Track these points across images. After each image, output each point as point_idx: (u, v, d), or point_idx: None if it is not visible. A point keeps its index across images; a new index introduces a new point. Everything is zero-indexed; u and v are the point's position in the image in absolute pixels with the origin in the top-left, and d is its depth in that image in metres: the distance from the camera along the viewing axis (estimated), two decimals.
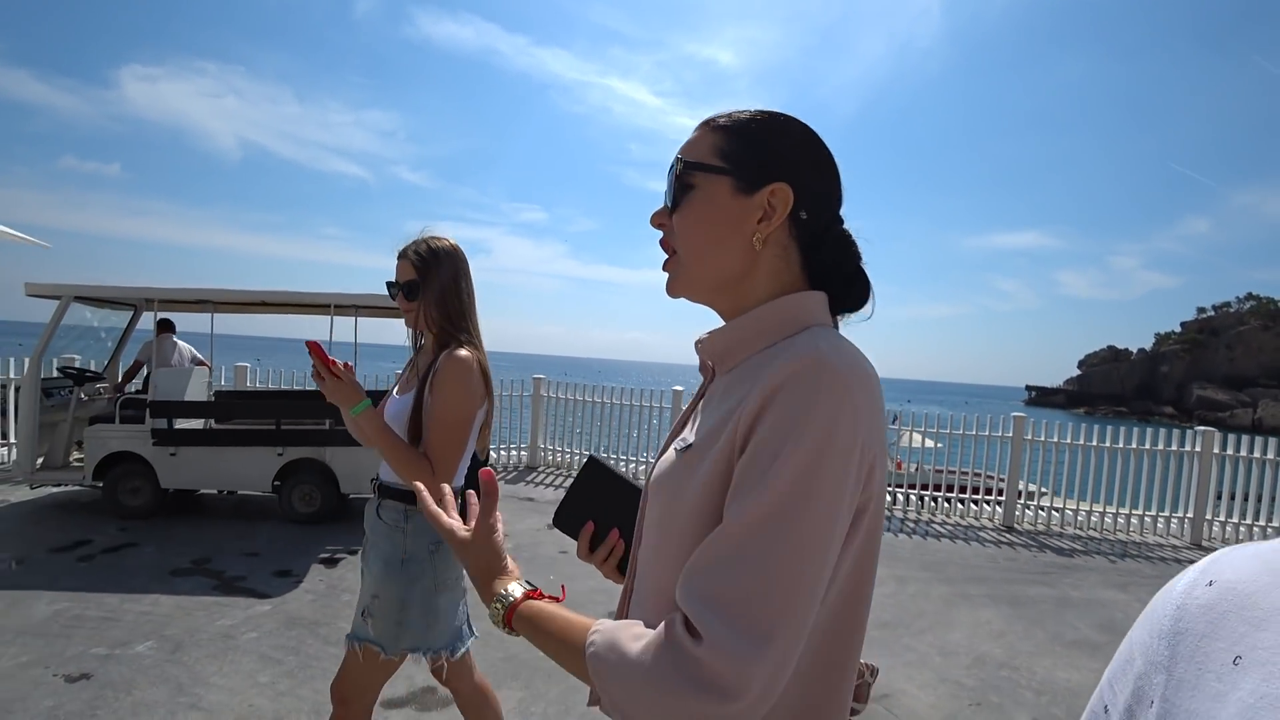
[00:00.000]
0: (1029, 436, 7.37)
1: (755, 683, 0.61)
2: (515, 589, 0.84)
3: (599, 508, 0.98)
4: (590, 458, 1.01)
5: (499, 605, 0.83)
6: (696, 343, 0.89)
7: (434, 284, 1.86)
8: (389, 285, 1.95)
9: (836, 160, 0.84)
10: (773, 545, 0.64)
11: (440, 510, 0.94)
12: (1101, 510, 7.24)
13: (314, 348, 1.73)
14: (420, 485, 1.00)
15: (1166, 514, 7.22)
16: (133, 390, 6.55)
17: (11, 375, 7.01)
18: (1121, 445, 7.28)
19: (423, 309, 1.87)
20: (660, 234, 0.88)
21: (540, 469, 8.21)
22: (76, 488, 5.92)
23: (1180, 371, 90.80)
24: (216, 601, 3.94)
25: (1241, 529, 7.18)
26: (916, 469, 8.20)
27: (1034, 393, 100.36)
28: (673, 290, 0.86)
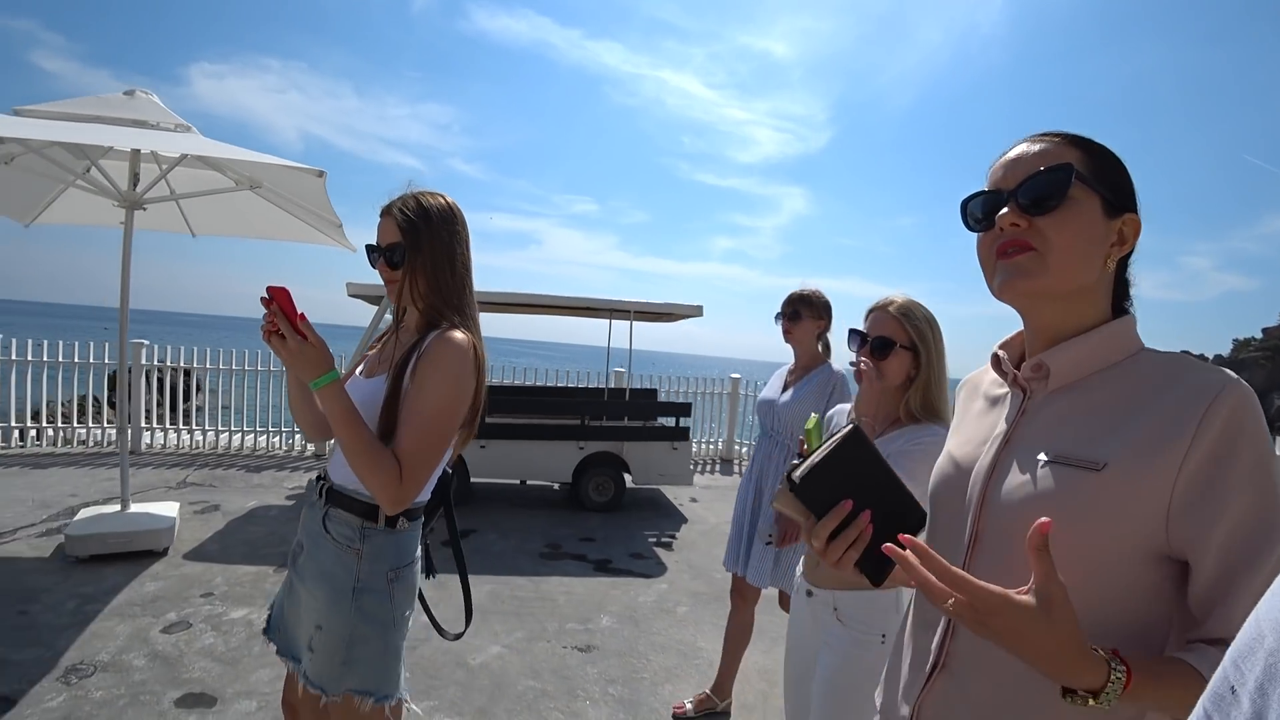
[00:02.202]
0: None
1: None
2: (1114, 667, 0.68)
3: (852, 485, 0.84)
4: (854, 426, 0.87)
5: (1116, 682, 0.67)
6: (1001, 351, 0.94)
7: (424, 249, 1.50)
8: (369, 249, 1.58)
9: None
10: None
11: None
12: None
13: (279, 295, 1.33)
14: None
15: None
16: None
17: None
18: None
19: (409, 280, 1.52)
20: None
21: (735, 461, 8.57)
22: None
23: (1261, 380, 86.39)
24: (614, 581, 4.25)
25: None
26: None
27: None
28: (1022, 285, 0.84)
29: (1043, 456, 0.81)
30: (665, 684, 3.03)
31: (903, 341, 1.59)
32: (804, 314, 2.60)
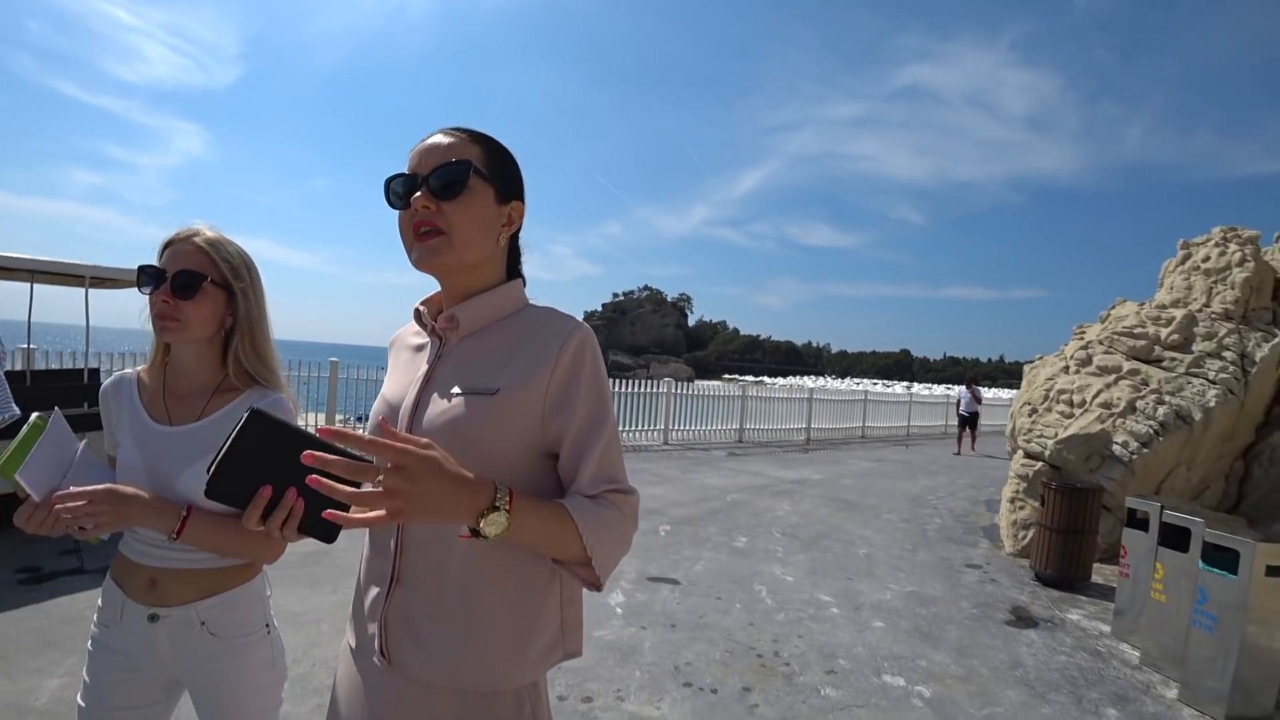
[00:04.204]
0: None
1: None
2: (499, 487, 0.82)
3: (269, 467, 0.84)
4: (253, 410, 0.84)
5: (502, 498, 0.80)
6: (421, 307, 1.08)
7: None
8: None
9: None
10: (613, 434, 0.97)
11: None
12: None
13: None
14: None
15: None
16: None
17: None
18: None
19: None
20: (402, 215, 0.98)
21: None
22: None
23: (601, 339, 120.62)
24: None
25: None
26: None
27: None
28: (433, 262, 0.97)
29: (455, 390, 0.96)
30: None
31: (214, 277, 1.28)
32: None
